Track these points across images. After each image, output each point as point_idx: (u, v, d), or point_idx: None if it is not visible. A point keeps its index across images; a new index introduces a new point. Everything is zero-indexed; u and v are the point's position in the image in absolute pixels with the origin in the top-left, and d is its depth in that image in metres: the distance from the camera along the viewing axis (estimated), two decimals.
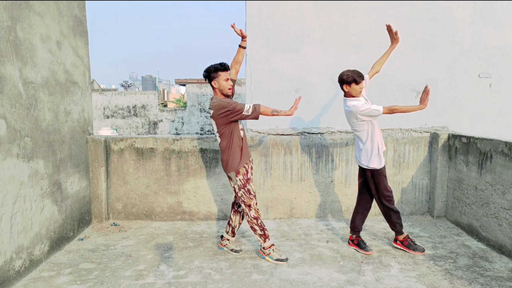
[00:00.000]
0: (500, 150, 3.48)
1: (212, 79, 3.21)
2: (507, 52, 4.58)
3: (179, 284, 2.95)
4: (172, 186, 4.47)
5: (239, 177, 3.25)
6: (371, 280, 3.01)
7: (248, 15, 4.40)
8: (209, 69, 3.21)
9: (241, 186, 3.26)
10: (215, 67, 3.19)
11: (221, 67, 3.19)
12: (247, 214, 3.33)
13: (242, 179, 3.26)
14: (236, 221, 3.56)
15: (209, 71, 3.21)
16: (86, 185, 4.26)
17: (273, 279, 3.02)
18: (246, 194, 3.28)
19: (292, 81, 4.49)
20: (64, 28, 3.81)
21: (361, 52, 4.48)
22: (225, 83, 3.18)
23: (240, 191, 3.28)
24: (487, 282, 2.93)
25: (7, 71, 2.91)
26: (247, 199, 3.28)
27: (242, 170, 3.26)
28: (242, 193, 3.28)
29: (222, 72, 3.19)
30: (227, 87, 3.19)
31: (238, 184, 3.27)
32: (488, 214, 3.63)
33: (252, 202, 3.30)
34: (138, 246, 3.72)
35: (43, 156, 3.39)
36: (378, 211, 4.61)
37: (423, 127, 4.62)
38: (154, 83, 50.87)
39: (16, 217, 2.99)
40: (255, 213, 3.32)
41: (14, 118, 2.98)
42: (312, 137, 4.52)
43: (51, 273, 3.15)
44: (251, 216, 3.32)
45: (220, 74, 3.18)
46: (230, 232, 3.59)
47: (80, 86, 4.17)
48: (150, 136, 4.44)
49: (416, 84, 4.56)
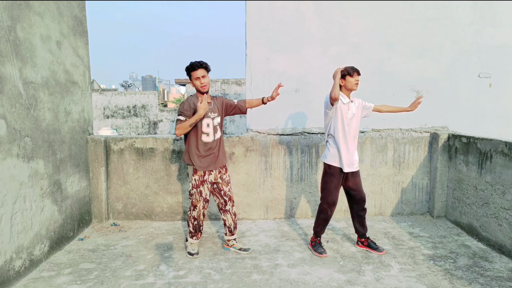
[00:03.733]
0: (500, 150, 3.48)
1: (190, 80, 3.37)
2: (507, 52, 4.57)
3: (179, 284, 2.95)
4: (172, 186, 4.47)
5: (195, 177, 3.38)
6: (371, 280, 3.01)
7: (248, 15, 4.40)
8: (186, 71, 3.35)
9: (194, 185, 3.39)
10: (186, 68, 3.32)
11: (190, 67, 3.29)
12: (190, 211, 3.46)
13: (197, 180, 3.38)
14: (230, 220, 3.59)
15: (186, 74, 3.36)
16: (86, 185, 4.26)
17: (273, 279, 3.02)
18: (196, 195, 3.39)
19: (292, 81, 4.49)
20: (64, 28, 3.81)
21: (361, 52, 4.48)
22: (196, 82, 3.31)
23: (193, 189, 3.40)
24: (487, 282, 2.93)
25: (7, 71, 2.91)
26: (196, 199, 3.40)
27: (199, 173, 3.37)
28: (194, 193, 3.40)
29: (193, 71, 3.29)
30: (199, 86, 3.30)
31: (192, 182, 3.40)
32: (488, 214, 3.63)
33: (199, 204, 3.40)
34: (138, 246, 3.72)
35: (43, 156, 3.38)
36: (378, 211, 4.62)
37: (423, 127, 4.62)
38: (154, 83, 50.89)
39: (16, 217, 2.99)
40: (196, 214, 3.45)
41: (14, 118, 2.98)
42: (312, 137, 4.52)
43: (51, 273, 3.15)
44: (191, 215, 3.47)
45: (192, 74, 3.30)
46: (228, 232, 3.61)
47: (80, 86, 4.17)
48: (150, 136, 4.44)
49: (416, 84, 4.56)
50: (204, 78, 3.28)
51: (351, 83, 3.33)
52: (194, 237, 3.54)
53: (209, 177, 3.41)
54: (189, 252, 3.49)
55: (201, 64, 3.28)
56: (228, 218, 3.57)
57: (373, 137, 4.53)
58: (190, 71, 3.30)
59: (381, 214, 4.63)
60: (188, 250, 3.51)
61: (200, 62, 3.29)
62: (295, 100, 4.52)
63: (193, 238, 3.54)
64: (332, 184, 3.43)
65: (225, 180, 3.51)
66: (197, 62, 3.29)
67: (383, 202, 4.62)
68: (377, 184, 4.58)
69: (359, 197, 3.50)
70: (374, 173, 4.57)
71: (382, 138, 4.54)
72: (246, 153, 4.45)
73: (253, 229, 4.21)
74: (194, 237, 3.54)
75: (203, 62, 3.30)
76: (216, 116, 3.40)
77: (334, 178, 3.42)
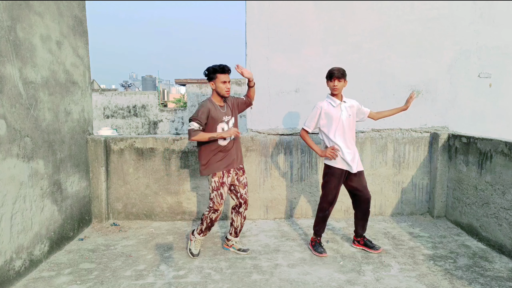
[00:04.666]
0: (500, 150, 3.48)
1: (210, 80, 3.27)
2: (507, 52, 4.57)
3: (179, 284, 2.95)
4: (172, 186, 4.47)
5: (215, 178, 3.30)
6: (371, 280, 3.01)
7: (248, 15, 4.40)
8: (209, 70, 3.26)
9: (214, 188, 3.30)
10: (214, 68, 3.23)
11: (219, 69, 3.22)
12: (209, 212, 3.35)
13: (217, 181, 3.30)
14: (238, 222, 3.56)
15: (208, 72, 3.26)
16: (86, 185, 4.26)
17: (273, 279, 3.02)
18: (217, 198, 3.31)
19: (292, 81, 4.49)
20: (64, 28, 3.81)
21: (361, 52, 4.48)
22: (222, 85, 3.23)
23: (213, 192, 3.31)
24: (487, 282, 2.93)
25: (7, 71, 2.91)
26: (217, 203, 3.31)
27: (218, 174, 3.30)
28: (215, 196, 3.31)
29: (220, 74, 3.21)
30: (224, 90, 3.24)
31: (212, 185, 3.31)
32: (488, 214, 3.63)
33: (220, 208, 3.33)
34: (138, 246, 3.72)
35: (43, 156, 3.38)
36: (378, 211, 4.62)
37: (423, 127, 4.62)
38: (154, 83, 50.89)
39: (16, 217, 2.99)
40: (214, 218, 3.37)
41: (14, 118, 2.98)
42: (312, 137, 4.52)
43: (51, 273, 3.15)
44: (209, 216, 3.36)
45: (218, 76, 3.22)
46: (233, 233, 3.59)
47: (80, 86, 4.16)
48: (150, 136, 4.44)
49: (416, 84, 4.56)
50: (229, 84, 3.26)
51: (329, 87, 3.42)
52: (202, 233, 3.50)
53: (228, 179, 3.36)
54: (191, 252, 3.47)
55: (230, 69, 3.25)
56: (237, 219, 3.55)
57: (373, 137, 4.53)
58: (217, 72, 3.21)
59: (381, 214, 4.63)
60: (190, 248, 3.50)
61: (229, 67, 3.24)
62: (295, 100, 4.52)
63: (201, 234, 3.50)
64: (332, 184, 3.44)
65: (242, 183, 3.46)
66: (227, 65, 3.23)
67: (383, 202, 4.62)
68: (377, 184, 4.58)
69: (364, 198, 3.49)
70: (374, 173, 4.57)
71: (382, 138, 4.54)
72: (246, 153, 4.44)
73: (253, 229, 4.21)
74: (201, 234, 3.50)
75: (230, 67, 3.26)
76: (230, 118, 3.35)
77: (334, 178, 3.43)
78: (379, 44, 4.49)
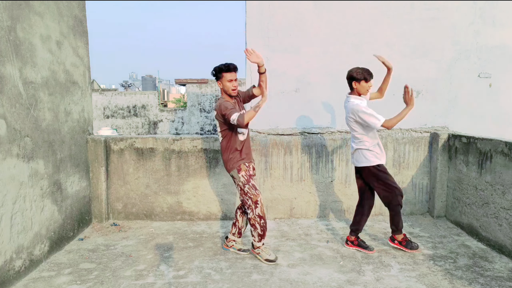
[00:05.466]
0: (500, 150, 3.48)
1: (218, 79, 3.26)
2: (507, 52, 4.57)
3: (179, 284, 2.95)
4: (172, 186, 4.47)
5: (242, 173, 3.26)
6: (371, 280, 3.01)
7: (248, 15, 4.40)
8: (215, 69, 3.25)
9: (245, 182, 3.25)
10: (219, 67, 3.21)
11: (225, 68, 3.19)
12: (252, 210, 3.24)
13: (245, 175, 3.26)
14: (243, 222, 3.54)
15: (215, 71, 3.25)
16: (86, 185, 4.26)
17: (273, 279, 3.02)
18: (252, 189, 3.23)
19: (292, 81, 4.49)
20: (64, 28, 3.81)
21: (361, 52, 4.48)
22: (228, 84, 3.20)
23: (245, 186, 3.24)
24: (487, 282, 2.93)
25: (7, 71, 2.91)
26: (254, 194, 3.22)
27: (243, 167, 3.27)
28: (248, 189, 3.23)
29: (226, 73, 3.19)
30: (231, 88, 3.21)
31: (241, 180, 3.25)
32: (488, 214, 3.63)
33: (259, 198, 3.25)
34: (138, 246, 3.72)
35: (43, 156, 3.38)
36: (378, 211, 4.61)
37: (423, 127, 4.62)
38: (154, 83, 50.88)
39: (16, 217, 2.99)
40: (260, 211, 3.25)
41: (14, 118, 2.98)
42: (312, 137, 4.52)
43: (51, 273, 3.15)
44: (255, 214, 3.25)
45: (224, 75, 3.19)
46: (236, 233, 3.57)
47: (80, 86, 4.17)
48: (150, 136, 4.44)
49: (416, 84, 4.56)
50: (236, 82, 3.23)
51: (364, 88, 3.42)
52: (261, 238, 3.30)
53: (253, 171, 3.36)
54: (270, 260, 3.28)
55: (236, 67, 3.21)
56: (242, 220, 3.54)
57: None
58: (223, 71, 3.18)
59: (381, 214, 4.62)
60: (267, 259, 3.29)
61: (235, 65, 3.20)
62: (295, 100, 4.52)
63: (261, 241, 3.31)
64: (390, 177, 3.47)
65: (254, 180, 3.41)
66: (233, 64, 3.20)
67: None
68: None
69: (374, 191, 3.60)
70: None
71: (382, 138, 4.53)
72: None
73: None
74: (261, 239, 3.30)
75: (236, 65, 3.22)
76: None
77: (386, 172, 3.47)
78: (379, 44, 4.48)
